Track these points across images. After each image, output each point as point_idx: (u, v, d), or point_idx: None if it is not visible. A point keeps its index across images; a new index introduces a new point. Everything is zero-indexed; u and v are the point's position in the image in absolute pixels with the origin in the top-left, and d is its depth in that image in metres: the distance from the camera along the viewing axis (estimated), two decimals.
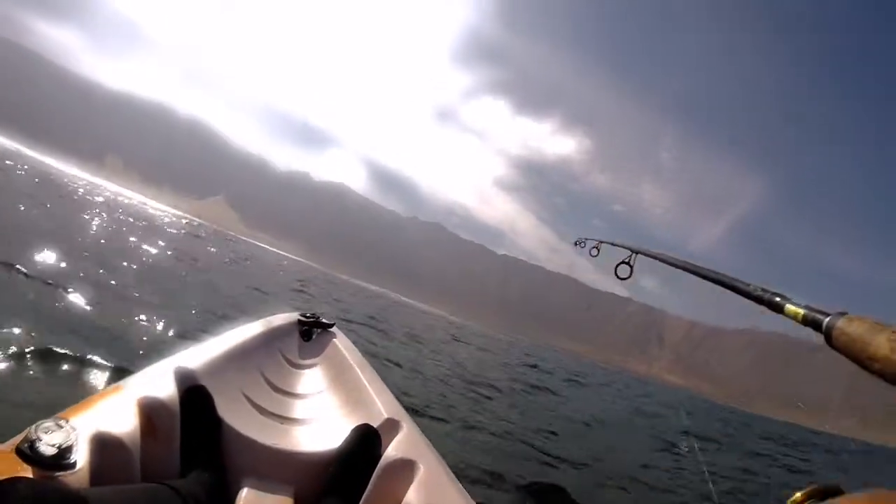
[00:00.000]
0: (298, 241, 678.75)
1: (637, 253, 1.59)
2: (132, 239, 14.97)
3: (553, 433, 6.73)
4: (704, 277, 1.05)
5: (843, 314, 0.61)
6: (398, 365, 7.84)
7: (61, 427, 0.91)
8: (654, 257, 1.48)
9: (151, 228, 23.74)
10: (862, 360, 0.55)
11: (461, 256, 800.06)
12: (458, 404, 6.56)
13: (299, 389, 2.10)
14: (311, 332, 2.63)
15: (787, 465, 11.42)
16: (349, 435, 1.52)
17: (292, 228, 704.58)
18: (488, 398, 7.87)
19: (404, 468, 1.36)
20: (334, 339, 2.57)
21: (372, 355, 6.85)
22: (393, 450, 1.44)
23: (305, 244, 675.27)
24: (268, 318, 2.49)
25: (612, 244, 2.03)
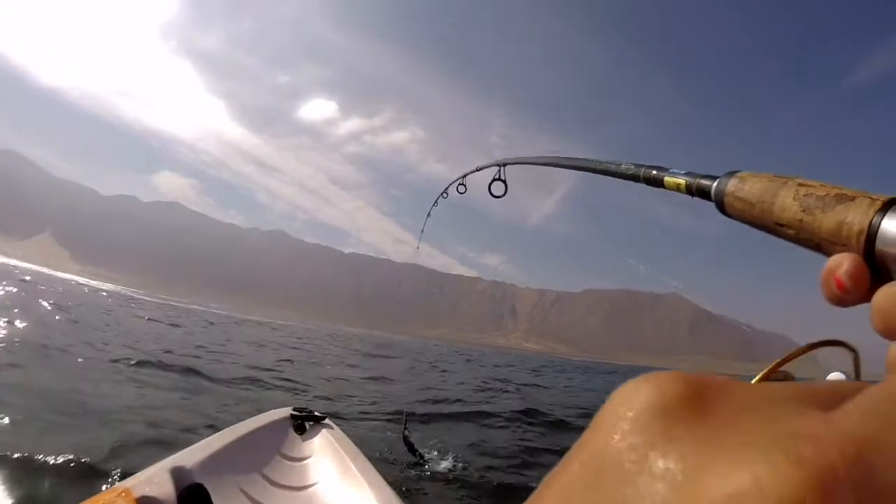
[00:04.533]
0: (134, 269, 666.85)
1: (504, 165, 1.58)
2: None
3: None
4: (573, 168, 1.65)
5: (733, 174, 0.50)
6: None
7: None
8: (522, 163, 1.47)
9: None
10: (768, 226, 0.44)
11: (308, 260, 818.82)
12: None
13: (295, 482, 2.21)
14: (303, 425, 2.76)
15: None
16: None
17: (126, 257, 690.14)
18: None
19: None
20: (327, 431, 2.70)
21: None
22: None
23: (141, 271, 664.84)
24: (261, 414, 2.68)
25: (477, 170, 1.98)
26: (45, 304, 17.63)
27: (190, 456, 1.72)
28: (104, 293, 48.15)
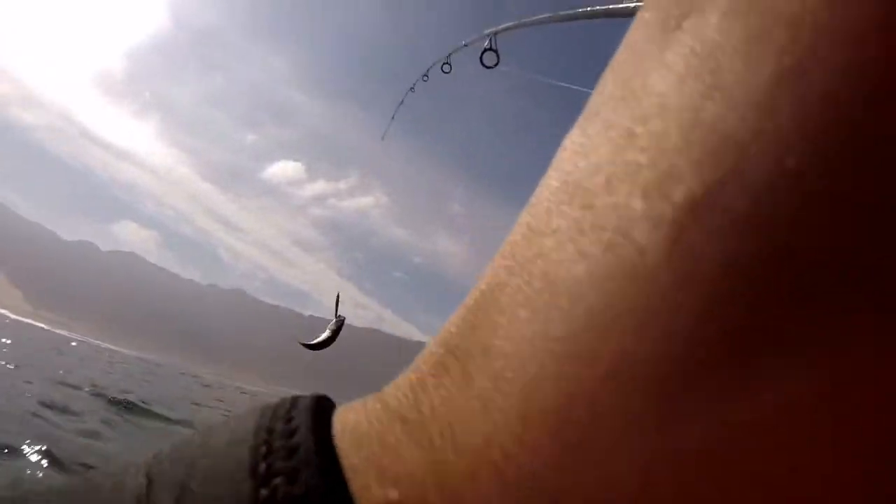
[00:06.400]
0: (88, 318, 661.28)
1: (496, 34, 1.46)
2: None
3: None
4: (572, 19, 0.99)
5: None
6: None
7: None
8: (515, 27, 1.40)
9: None
10: None
11: (266, 322, 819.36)
12: None
13: None
14: None
15: None
16: None
17: (81, 305, 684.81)
18: None
19: None
20: None
21: None
22: None
23: (95, 322, 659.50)
24: None
25: (465, 45, 1.82)
26: None
27: None
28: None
